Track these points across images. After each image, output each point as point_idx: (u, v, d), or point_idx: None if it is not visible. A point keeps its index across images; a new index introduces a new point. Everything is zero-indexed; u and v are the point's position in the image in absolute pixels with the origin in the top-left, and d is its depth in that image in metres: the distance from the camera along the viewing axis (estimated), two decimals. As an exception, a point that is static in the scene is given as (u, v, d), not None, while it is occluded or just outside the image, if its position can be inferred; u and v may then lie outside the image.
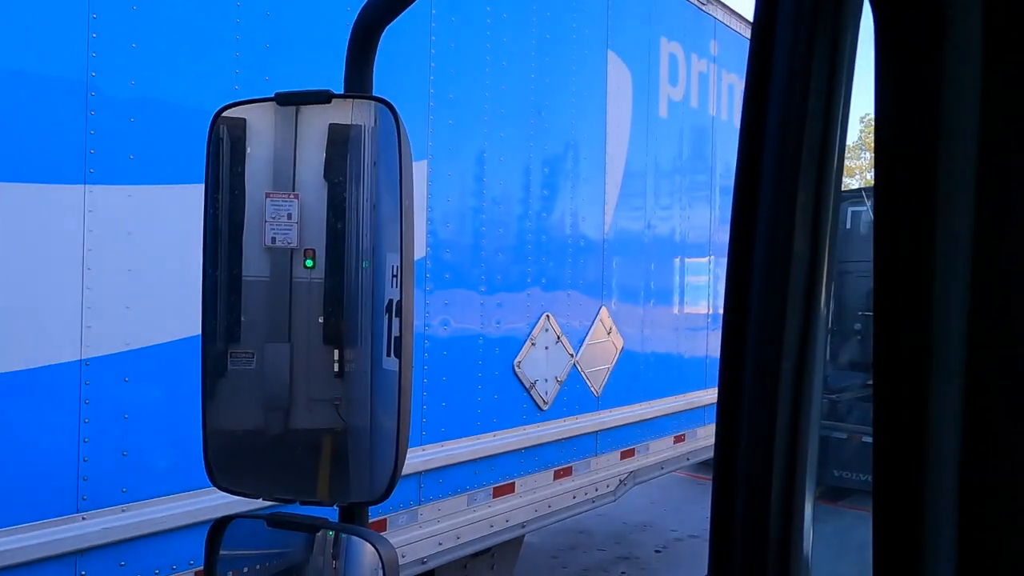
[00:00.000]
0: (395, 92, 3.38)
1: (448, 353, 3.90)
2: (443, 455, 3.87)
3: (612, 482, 5.18)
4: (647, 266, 5.54)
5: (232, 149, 1.16)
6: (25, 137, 2.43)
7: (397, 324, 1.03)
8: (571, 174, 4.75)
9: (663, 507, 9.92)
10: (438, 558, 3.93)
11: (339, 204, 1.14)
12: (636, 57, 5.29)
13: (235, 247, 1.16)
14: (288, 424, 1.17)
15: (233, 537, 1.15)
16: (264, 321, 1.17)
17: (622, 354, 5.22)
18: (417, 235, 3.69)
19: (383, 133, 1.08)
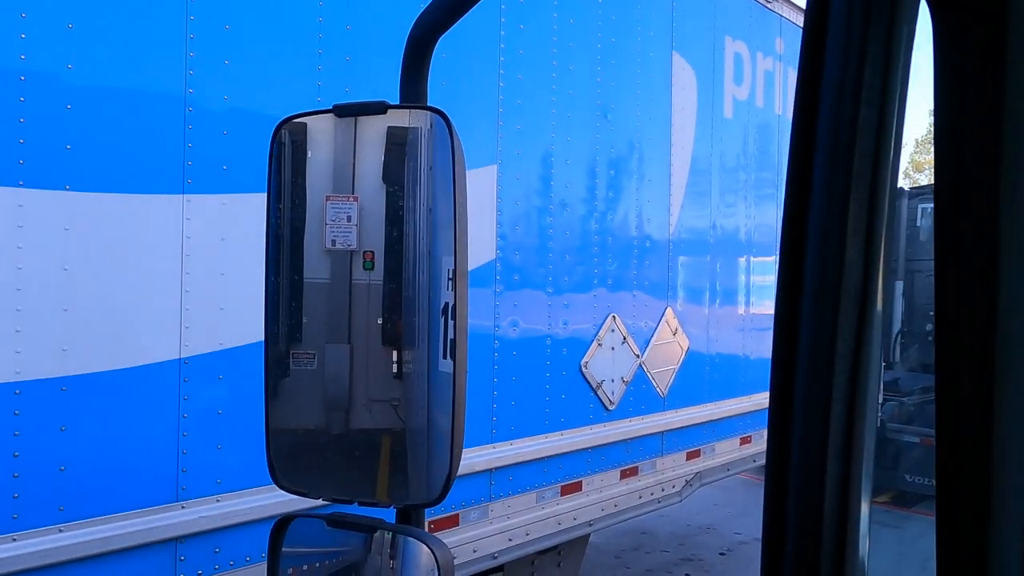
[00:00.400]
0: (466, 99, 3.50)
1: (517, 353, 3.99)
2: (512, 453, 3.95)
3: (678, 482, 5.19)
4: (713, 266, 5.52)
5: (293, 154, 1.19)
6: (130, 150, 2.61)
7: (452, 326, 1.04)
8: (636, 175, 4.78)
9: (727, 509, 9.81)
10: (508, 554, 4.02)
11: (397, 207, 1.15)
12: (701, 57, 5.29)
13: (297, 250, 1.19)
14: (348, 424, 1.18)
15: (294, 535, 1.18)
16: (324, 322, 1.20)
17: (688, 355, 5.22)
18: (486, 238, 3.80)
19: (438, 140, 1.11)
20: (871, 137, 0.61)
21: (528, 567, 4.52)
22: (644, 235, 4.83)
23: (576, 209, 4.36)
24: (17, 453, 2.37)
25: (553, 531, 4.25)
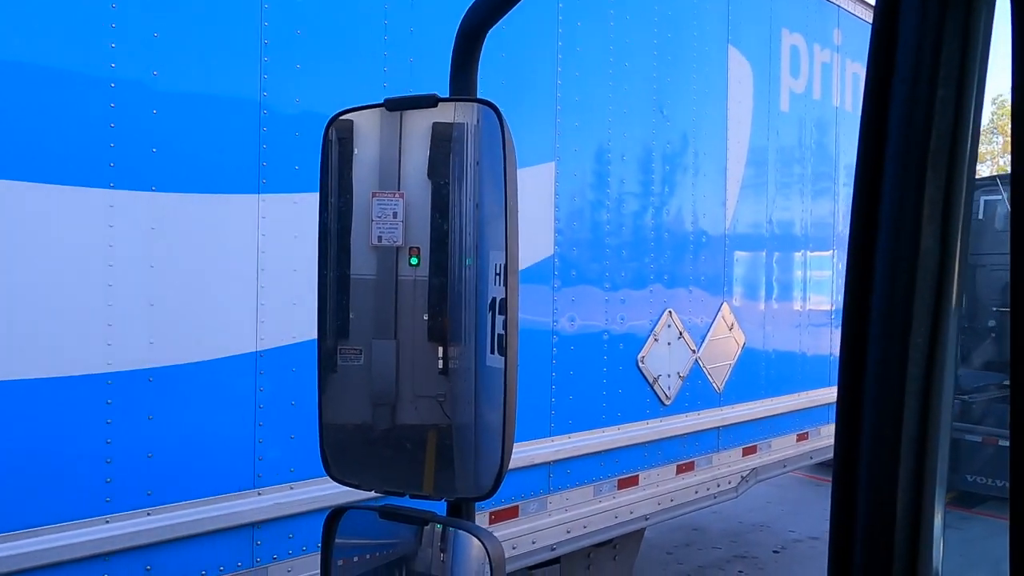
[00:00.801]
0: (525, 97, 3.55)
1: (575, 348, 4.03)
2: (571, 446, 4.00)
3: (734, 478, 5.17)
4: (769, 261, 5.48)
5: (341, 151, 1.19)
6: (210, 152, 2.73)
7: (501, 321, 1.04)
8: (692, 170, 4.78)
9: (780, 507, 9.70)
10: (565, 546, 4.07)
11: (443, 203, 1.15)
12: (757, 51, 5.24)
13: (344, 246, 1.19)
14: (395, 419, 1.19)
15: (347, 527, 1.20)
16: (371, 318, 1.20)
17: (744, 350, 5.19)
18: (544, 234, 3.85)
19: (487, 134, 1.10)
20: (948, 118, 0.58)
21: (584, 560, 4.57)
22: (700, 230, 4.82)
23: (632, 205, 4.38)
24: (109, 440, 2.51)
25: (610, 524, 4.28)
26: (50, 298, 2.39)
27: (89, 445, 2.47)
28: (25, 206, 2.33)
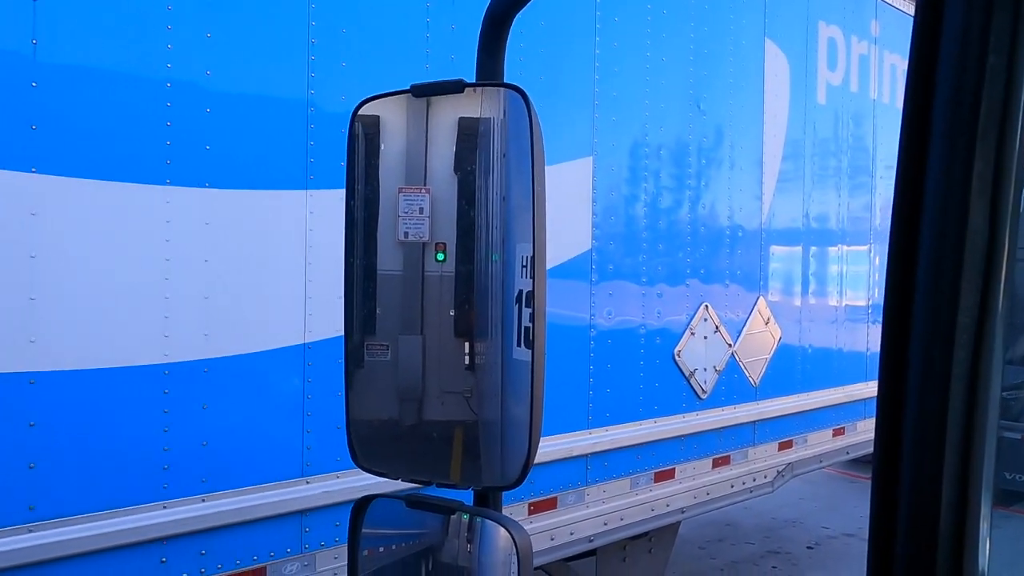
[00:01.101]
0: (563, 93, 3.58)
1: (612, 342, 4.06)
2: (608, 439, 4.03)
3: (770, 473, 5.16)
4: (805, 256, 5.45)
5: (367, 146, 1.19)
6: (260, 150, 2.81)
7: (528, 314, 1.02)
8: (728, 164, 4.77)
9: (813, 503, 9.63)
10: (603, 537, 4.10)
11: (469, 197, 1.14)
12: (793, 44, 5.21)
13: (371, 242, 1.19)
14: (421, 415, 1.18)
15: (374, 516, 1.19)
16: (398, 314, 1.19)
17: (780, 344, 5.18)
18: (582, 228, 3.88)
19: (514, 122, 1.07)
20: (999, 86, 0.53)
21: (620, 552, 4.60)
22: (736, 224, 4.82)
23: (669, 199, 4.39)
24: (167, 428, 2.60)
25: (646, 517, 4.31)
26: (112, 292, 2.48)
27: (148, 433, 2.56)
28: (89, 202, 2.42)
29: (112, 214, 2.47)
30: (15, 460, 2.31)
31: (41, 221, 2.34)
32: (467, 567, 1.15)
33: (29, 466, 2.33)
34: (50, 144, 2.35)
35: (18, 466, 2.31)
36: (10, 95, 2.28)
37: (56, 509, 2.38)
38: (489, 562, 1.12)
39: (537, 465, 3.29)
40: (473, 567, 1.15)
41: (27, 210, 2.31)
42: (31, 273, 2.32)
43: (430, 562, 1.19)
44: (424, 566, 1.20)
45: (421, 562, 1.21)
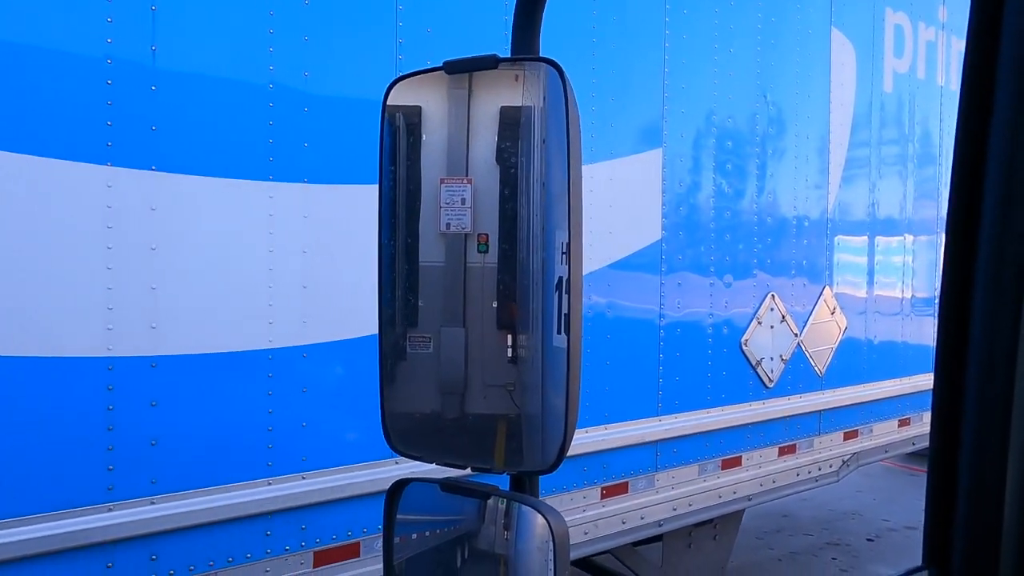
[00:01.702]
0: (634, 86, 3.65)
1: (681, 331, 4.12)
2: (677, 426, 4.10)
3: (835, 462, 5.17)
4: (871, 245, 5.42)
5: (408, 136, 1.17)
6: (352, 147, 2.94)
7: (567, 301, 1.01)
8: (794, 155, 4.78)
9: (872, 496, 9.53)
10: (671, 523, 4.18)
11: (511, 187, 1.13)
12: (860, 32, 5.18)
13: (413, 233, 1.18)
14: (463, 408, 1.18)
15: (409, 501, 1.19)
16: (440, 306, 1.18)
17: (845, 334, 5.17)
18: (653, 219, 3.94)
19: (552, 102, 1.05)
20: None
21: (686, 538, 4.67)
22: (802, 214, 4.82)
23: (736, 189, 4.42)
24: (271, 410, 2.76)
25: (713, 503, 4.37)
26: (223, 281, 2.65)
27: (254, 414, 2.72)
28: (202, 197, 2.59)
29: (222, 208, 2.64)
30: (139, 437, 2.49)
31: (160, 215, 2.51)
32: (503, 554, 1.14)
33: (151, 443, 2.51)
34: (168, 144, 2.52)
35: (142, 443, 2.50)
36: (133, 99, 2.45)
37: (175, 483, 2.56)
38: (525, 548, 1.11)
39: (610, 451, 3.41)
40: (509, 553, 1.14)
41: (148, 205, 2.49)
42: (152, 264, 2.50)
43: (465, 548, 1.19)
44: (459, 551, 1.20)
45: (456, 547, 1.21)
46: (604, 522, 3.81)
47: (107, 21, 2.40)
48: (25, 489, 2.31)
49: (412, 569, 1.23)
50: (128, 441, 2.47)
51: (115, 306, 2.44)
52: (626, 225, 3.84)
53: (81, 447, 2.39)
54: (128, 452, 2.47)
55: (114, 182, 2.42)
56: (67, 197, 2.35)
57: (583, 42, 3.64)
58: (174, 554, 2.57)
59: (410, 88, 1.16)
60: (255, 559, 2.74)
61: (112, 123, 2.41)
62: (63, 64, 2.33)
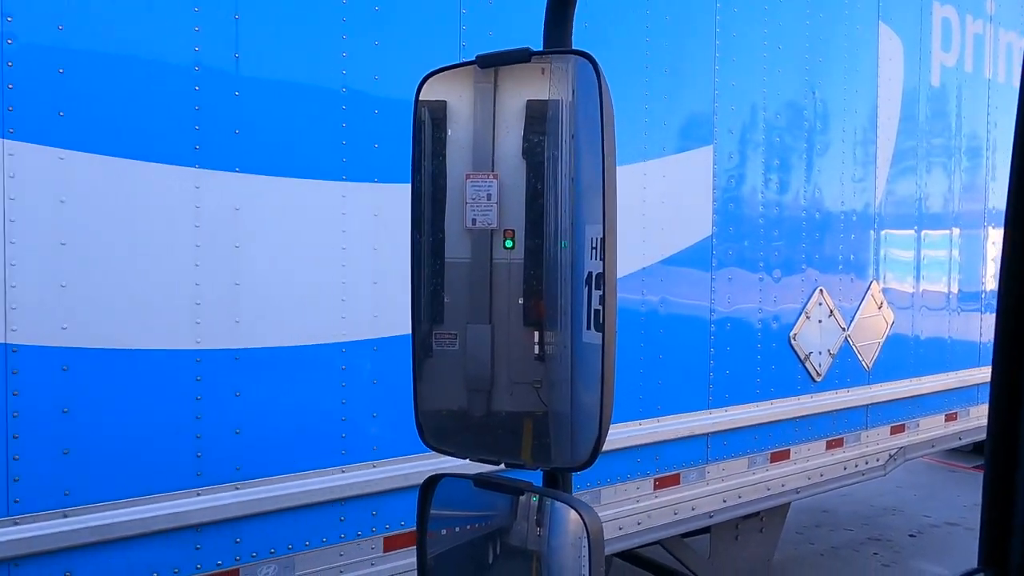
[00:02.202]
0: (686, 84, 3.72)
1: (731, 326, 4.18)
2: (727, 419, 4.16)
3: (882, 456, 5.18)
4: (918, 240, 5.42)
5: (433, 131, 1.17)
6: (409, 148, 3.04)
7: (598, 297, 1.00)
8: (842, 150, 4.80)
9: (912, 492, 9.46)
10: (721, 514, 4.24)
11: (538, 183, 1.12)
12: (907, 26, 5.17)
13: (438, 229, 1.16)
14: (490, 406, 1.17)
15: (441, 496, 1.20)
16: (466, 303, 1.17)
17: (892, 329, 5.18)
18: (703, 215, 4.00)
19: (583, 95, 1.03)
20: None
21: (733, 530, 4.73)
22: (850, 209, 4.85)
23: (784, 185, 4.46)
24: (344, 400, 2.88)
25: (762, 496, 4.42)
26: (300, 277, 2.77)
27: (329, 404, 2.84)
28: (282, 198, 2.71)
29: (299, 208, 2.75)
30: (224, 426, 2.62)
31: (243, 215, 2.63)
32: (536, 550, 1.14)
33: (235, 431, 2.64)
34: (250, 146, 2.64)
35: (227, 431, 2.63)
36: (218, 104, 2.57)
37: (257, 470, 2.69)
38: (558, 544, 1.10)
39: (662, 443, 3.50)
40: (542, 549, 1.13)
41: (232, 206, 2.61)
42: (235, 262, 2.62)
43: (497, 543, 1.18)
44: (492, 547, 1.19)
45: (488, 543, 1.20)
46: (657, 512, 3.88)
47: (195, 30, 2.52)
48: (122, 474, 2.44)
49: (446, 564, 1.23)
50: (214, 429, 2.60)
51: (202, 301, 2.57)
52: (678, 221, 3.90)
53: (173, 435, 2.53)
54: (214, 440, 2.60)
55: (201, 183, 2.54)
56: (160, 198, 2.48)
57: (637, 43, 3.70)
58: (256, 537, 2.70)
59: (440, 83, 1.17)
60: (330, 543, 2.86)
61: (200, 127, 2.53)
62: (156, 72, 2.45)
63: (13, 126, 2.22)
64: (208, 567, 2.61)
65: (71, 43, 2.31)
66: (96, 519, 2.39)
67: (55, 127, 2.29)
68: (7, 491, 2.25)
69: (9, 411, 2.25)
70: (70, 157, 2.32)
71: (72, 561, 2.37)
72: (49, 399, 2.31)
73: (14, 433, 2.26)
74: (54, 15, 2.28)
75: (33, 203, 2.27)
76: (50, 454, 2.32)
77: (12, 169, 2.23)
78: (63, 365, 2.33)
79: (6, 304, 2.23)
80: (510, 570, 1.18)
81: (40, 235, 2.28)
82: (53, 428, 2.32)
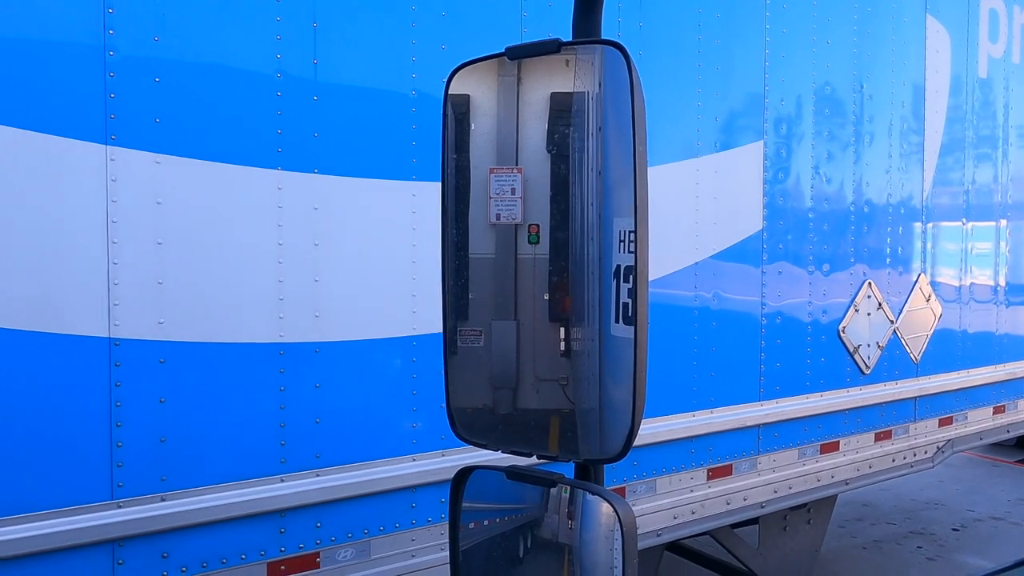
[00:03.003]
0: (737, 80, 3.80)
1: (781, 318, 4.23)
2: (778, 411, 4.21)
3: (930, 448, 5.20)
4: (966, 233, 5.41)
5: (457, 125, 1.15)
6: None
7: (626, 290, 0.98)
8: (889, 144, 4.81)
9: (954, 486, 9.40)
10: (772, 504, 4.30)
11: (563, 176, 1.09)
12: (954, 18, 5.16)
13: (462, 224, 1.15)
14: (516, 403, 1.15)
15: (473, 488, 1.20)
16: (491, 299, 1.16)
17: (940, 321, 5.19)
18: (754, 210, 4.06)
19: (611, 86, 1.01)
20: None
21: (781, 521, 4.78)
22: (898, 202, 4.86)
23: (833, 179, 4.50)
24: (415, 391, 2.99)
25: (812, 487, 4.47)
26: (375, 274, 2.88)
27: (400, 394, 2.96)
28: (357, 197, 2.82)
29: (372, 206, 2.87)
30: (306, 415, 2.75)
31: (321, 214, 2.75)
32: (567, 543, 1.13)
33: (316, 420, 2.77)
34: (327, 149, 2.76)
35: (308, 420, 2.75)
36: (298, 108, 2.69)
37: (336, 457, 2.81)
38: (591, 537, 1.09)
39: (715, 434, 3.58)
40: (573, 542, 1.12)
41: (311, 205, 2.73)
42: (315, 258, 2.75)
43: (529, 535, 1.18)
44: (523, 539, 1.19)
45: (520, 534, 1.19)
46: (711, 502, 3.95)
47: (276, 39, 2.64)
48: (213, 461, 2.58)
49: (478, 555, 1.23)
50: (297, 419, 2.73)
51: (285, 297, 2.69)
52: (729, 216, 3.96)
53: (259, 424, 2.66)
54: (297, 429, 2.73)
55: (283, 184, 2.67)
56: (246, 199, 2.61)
57: (688, 42, 3.77)
58: (335, 521, 2.83)
59: (468, 76, 1.15)
60: (402, 528, 2.98)
61: (282, 131, 2.66)
62: (242, 79, 2.58)
63: (115, 132, 2.37)
64: (291, 550, 2.74)
65: (166, 54, 2.44)
66: (190, 503, 2.53)
67: (152, 133, 2.43)
68: (111, 476, 2.40)
69: (112, 401, 2.40)
70: (165, 161, 2.45)
71: (168, 543, 2.52)
72: (148, 390, 2.45)
73: (117, 421, 2.41)
74: (150, 27, 2.42)
75: (133, 205, 2.41)
76: (149, 442, 2.46)
77: (115, 173, 2.37)
78: (160, 358, 2.47)
79: (110, 300, 2.38)
80: (542, 562, 1.17)
81: (139, 235, 2.42)
82: (151, 417, 2.46)
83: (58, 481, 2.32)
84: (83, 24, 2.31)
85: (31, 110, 2.24)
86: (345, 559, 2.86)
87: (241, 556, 2.65)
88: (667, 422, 3.73)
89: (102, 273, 2.36)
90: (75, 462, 2.35)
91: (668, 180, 3.68)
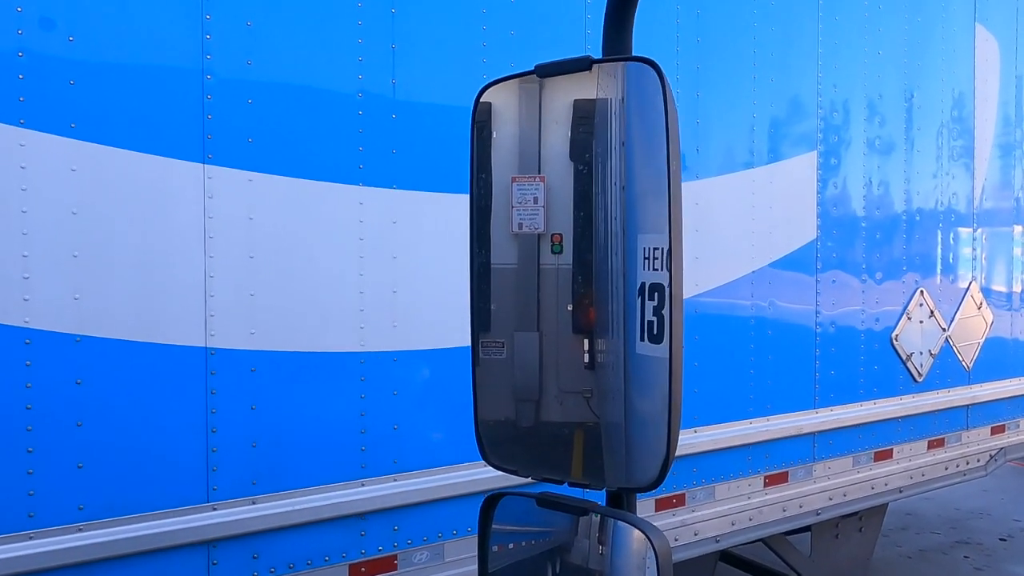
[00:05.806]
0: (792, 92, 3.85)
1: (835, 327, 4.26)
2: (833, 418, 4.24)
3: (983, 456, 5.18)
4: (1017, 240, 5.40)
5: (479, 134, 1.15)
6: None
7: (651, 308, 0.96)
8: (939, 152, 4.83)
9: (999, 496, 9.27)
10: (827, 512, 4.32)
11: (586, 186, 1.07)
12: (1003, 26, 5.17)
13: (484, 234, 1.14)
14: (539, 416, 1.14)
15: (503, 514, 1.19)
16: (513, 310, 1.14)
17: (992, 329, 5.18)
18: (808, 219, 4.11)
19: (637, 101, 1.00)
20: None
21: (833, 529, 4.79)
22: (949, 210, 4.87)
23: (885, 188, 4.53)
24: (486, 399, 3.07)
25: (866, 494, 4.48)
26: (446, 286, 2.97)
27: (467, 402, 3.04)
28: (430, 211, 2.92)
29: (447, 220, 2.96)
30: (385, 422, 2.85)
31: (399, 228, 2.86)
32: (599, 571, 1.11)
33: (394, 427, 2.87)
34: (404, 165, 2.86)
35: (387, 427, 2.85)
36: (378, 127, 2.80)
37: (413, 463, 2.91)
38: (623, 567, 1.07)
39: (771, 441, 3.62)
40: (606, 571, 1.10)
41: (390, 219, 2.84)
42: (393, 271, 2.85)
43: (559, 563, 1.16)
44: (552, 565, 1.17)
45: (550, 562, 1.18)
46: (768, 509, 3.99)
47: (358, 60, 2.76)
48: (300, 465, 2.69)
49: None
50: (376, 425, 2.83)
51: (365, 308, 2.80)
52: (784, 226, 4.01)
53: (342, 430, 2.76)
54: (376, 435, 2.83)
55: (364, 200, 2.78)
56: (330, 214, 2.72)
57: (744, 56, 3.84)
58: (412, 525, 2.92)
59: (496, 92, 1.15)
60: (474, 532, 3.05)
61: (363, 148, 2.77)
62: (328, 100, 2.70)
63: (212, 152, 2.49)
64: (371, 552, 2.84)
65: (258, 76, 2.57)
66: (279, 506, 2.63)
67: (245, 152, 2.55)
68: (207, 480, 2.52)
69: (208, 408, 2.51)
70: (257, 179, 2.57)
71: (258, 544, 2.62)
72: (240, 397, 2.57)
73: (213, 427, 2.52)
74: (244, 51, 2.54)
75: (227, 221, 2.53)
76: (241, 447, 2.58)
77: (212, 191, 2.49)
78: (252, 367, 2.58)
79: (206, 312, 2.50)
80: None
81: (233, 249, 2.54)
82: (243, 423, 2.57)
83: (159, 484, 2.44)
84: (184, 49, 2.44)
85: (137, 132, 2.37)
86: (420, 561, 2.94)
87: (325, 558, 2.75)
88: (725, 429, 3.78)
89: (199, 286, 2.48)
90: (175, 466, 2.47)
91: (725, 191, 3.74)
